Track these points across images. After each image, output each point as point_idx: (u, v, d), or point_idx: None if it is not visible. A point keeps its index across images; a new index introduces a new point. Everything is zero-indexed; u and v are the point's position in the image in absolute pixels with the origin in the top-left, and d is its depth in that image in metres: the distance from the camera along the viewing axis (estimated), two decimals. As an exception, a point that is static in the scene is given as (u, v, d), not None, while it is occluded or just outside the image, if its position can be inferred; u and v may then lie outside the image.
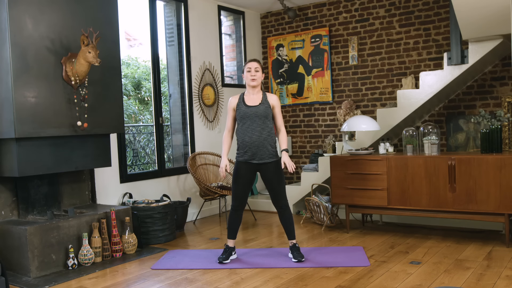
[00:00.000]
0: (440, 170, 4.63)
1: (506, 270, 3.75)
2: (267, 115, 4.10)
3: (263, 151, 4.08)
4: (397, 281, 3.57)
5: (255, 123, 4.08)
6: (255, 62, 4.18)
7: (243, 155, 4.13)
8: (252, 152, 4.08)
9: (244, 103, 4.14)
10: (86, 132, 4.32)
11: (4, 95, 3.89)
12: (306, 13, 6.86)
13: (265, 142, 4.07)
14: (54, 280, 3.87)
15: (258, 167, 4.13)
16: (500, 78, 5.51)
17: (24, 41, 3.91)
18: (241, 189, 4.18)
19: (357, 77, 6.46)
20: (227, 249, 4.24)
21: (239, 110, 4.15)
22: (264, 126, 4.09)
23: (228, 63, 7.09)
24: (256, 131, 4.07)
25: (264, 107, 4.11)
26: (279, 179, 4.15)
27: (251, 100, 4.14)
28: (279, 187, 4.16)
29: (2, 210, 4.28)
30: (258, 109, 4.09)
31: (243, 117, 4.11)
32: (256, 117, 4.08)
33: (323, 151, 6.68)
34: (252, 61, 4.20)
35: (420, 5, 5.97)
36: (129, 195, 5.37)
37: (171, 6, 6.14)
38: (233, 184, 4.20)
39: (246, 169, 4.14)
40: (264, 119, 4.09)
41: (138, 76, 7.57)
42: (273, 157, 4.13)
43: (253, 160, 4.11)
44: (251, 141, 4.07)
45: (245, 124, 4.11)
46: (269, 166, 4.12)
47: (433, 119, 5.87)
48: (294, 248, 4.20)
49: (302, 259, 4.11)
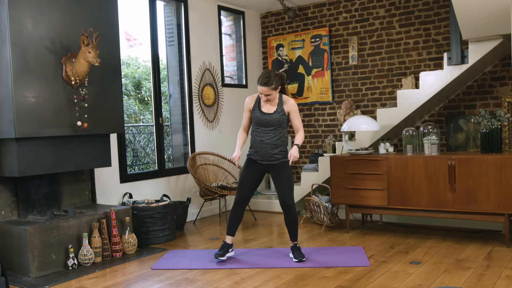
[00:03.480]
0: (440, 170, 4.63)
1: (506, 270, 3.75)
2: (280, 123, 4.14)
3: (273, 154, 4.14)
4: (397, 281, 3.57)
5: (268, 129, 4.13)
6: (266, 88, 3.98)
7: (254, 154, 4.20)
8: (262, 153, 4.15)
9: (260, 109, 4.16)
10: (86, 132, 4.32)
11: (4, 95, 3.89)
12: (306, 13, 6.86)
13: (276, 146, 4.13)
14: (54, 280, 3.87)
15: (267, 167, 4.20)
16: (500, 78, 5.51)
17: (24, 41, 3.91)
18: (247, 185, 4.23)
19: (357, 77, 6.46)
20: (224, 246, 4.26)
21: (254, 114, 4.18)
22: (277, 133, 4.14)
23: (228, 63, 7.09)
24: (269, 136, 4.13)
25: (278, 115, 4.12)
26: (287, 180, 4.17)
27: (266, 107, 4.16)
28: (288, 188, 4.18)
29: (2, 210, 4.28)
30: (271, 117, 4.12)
31: (257, 123, 4.17)
32: (269, 125, 4.13)
33: (323, 151, 6.67)
34: (262, 85, 3.99)
35: (420, 5, 5.97)
36: (129, 195, 5.37)
37: (171, 6, 6.14)
38: (240, 180, 4.26)
39: (255, 167, 4.21)
40: (277, 127, 4.13)
41: (138, 76, 7.57)
42: (282, 158, 4.17)
43: (262, 161, 4.16)
44: (262, 144, 4.14)
45: (258, 128, 4.17)
46: (278, 166, 4.16)
47: (433, 119, 5.87)
48: (295, 248, 4.21)
49: (303, 259, 4.12)
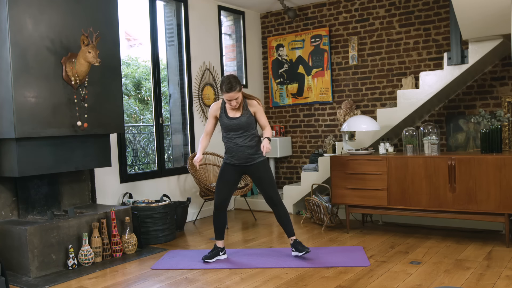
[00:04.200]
0: (440, 170, 4.63)
1: (506, 270, 3.75)
2: (249, 125, 4.15)
3: (249, 155, 4.15)
4: (397, 281, 3.57)
5: (238, 132, 4.14)
6: (232, 93, 3.96)
7: (230, 159, 4.20)
8: (239, 156, 4.15)
9: (226, 115, 4.16)
10: (86, 132, 4.32)
11: (4, 95, 3.89)
12: (306, 13, 6.86)
13: (251, 147, 4.14)
14: (54, 280, 3.87)
15: (245, 168, 4.20)
16: (500, 78, 5.51)
17: (24, 41, 3.91)
18: (225, 189, 4.23)
19: (357, 77, 6.46)
20: (214, 249, 4.28)
21: (221, 121, 4.18)
22: (248, 134, 4.15)
23: (228, 63, 7.09)
24: (241, 138, 4.13)
25: (245, 118, 4.13)
26: (268, 177, 4.20)
27: (232, 111, 4.16)
28: (270, 184, 4.20)
29: (2, 210, 4.28)
30: (239, 121, 4.12)
31: (226, 129, 4.17)
32: (239, 128, 4.13)
33: (323, 151, 6.67)
34: (228, 91, 3.95)
35: (420, 5, 5.97)
36: (129, 195, 5.37)
37: (171, 6, 6.14)
38: (217, 183, 4.25)
39: (232, 171, 4.21)
40: (247, 128, 4.14)
41: (138, 76, 7.57)
42: (259, 158, 4.19)
43: (239, 164, 4.18)
44: (236, 148, 4.14)
45: (229, 134, 4.17)
46: (257, 165, 4.18)
47: (433, 119, 5.87)
48: (296, 243, 4.22)
49: (309, 250, 4.14)
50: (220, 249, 4.29)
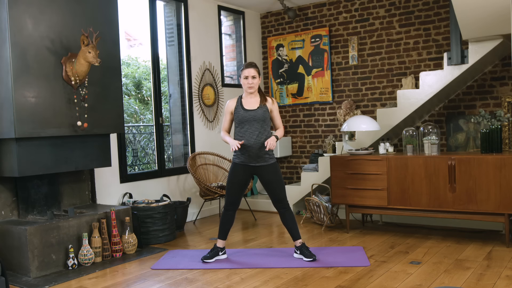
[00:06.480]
0: (440, 170, 4.63)
1: (506, 270, 3.75)
2: (265, 119, 4.13)
3: (260, 154, 4.11)
4: (397, 281, 3.57)
5: (253, 127, 4.10)
6: (252, 69, 4.12)
7: (240, 157, 4.15)
8: (249, 155, 4.11)
9: (242, 107, 4.15)
10: (86, 132, 4.32)
11: (4, 95, 3.89)
12: (306, 13, 6.86)
13: (263, 146, 4.08)
14: (54, 280, 3.87)
15: (255, 169, 4.16)
16: (500, 78, 5.51)
17: (24, 41, 3.91)
18: (236, 190, 4.20)
19: (357, 77, 6.46)
20: (214, 249, 4.27)
21: (237, 113, 4.16)
22: (262, 130, 4.11)
23: (228, 63, 7.09)
24: (254, 134, 4.09)
25: (262, 110, 4.12)
26: (278, 180, 4.16)
27: (249, 103, 4.15)
28: (280, 188, 4.18)
29: (2, 210, 4.28)
30: (256, 112, 4.11)
31: (241, 121, 4.13)
32: (254, 121, 4.10)
33: (323, 151, 6.68)
34: (248, 67, 4.13)
35: (420, 5, 5.97)
36: (129, 195, 5.37)
37: (171, 6, 6.14)
38: (228, 184, 4.22)
39: (242, 171, 4.17)
40: (262, 123, 4.11)
41: (139, 75, 7.57)
42: (270, 159, 4.15)
43: (250, 163, 4.13)
44: (248, 145, 4.08)
45: (243, 128, 4.12)
46: (267, 168, 4.14)
47: (433, 119, 5.87)
48: (303, 247, 4.20)
49: (316, 258, 4.11)
50: (220, 249, 4.28)
